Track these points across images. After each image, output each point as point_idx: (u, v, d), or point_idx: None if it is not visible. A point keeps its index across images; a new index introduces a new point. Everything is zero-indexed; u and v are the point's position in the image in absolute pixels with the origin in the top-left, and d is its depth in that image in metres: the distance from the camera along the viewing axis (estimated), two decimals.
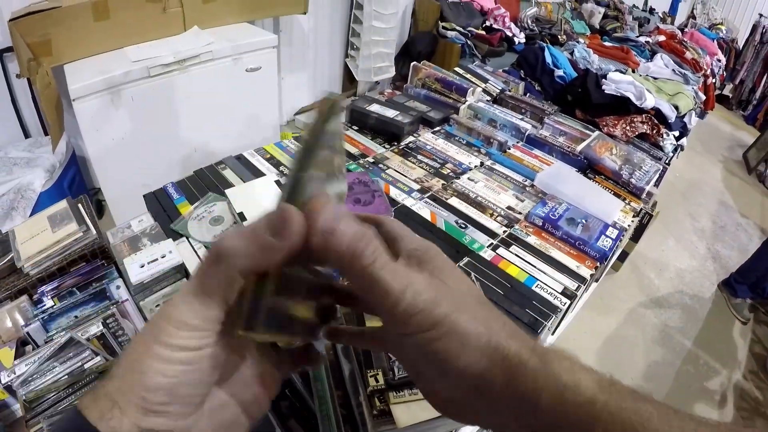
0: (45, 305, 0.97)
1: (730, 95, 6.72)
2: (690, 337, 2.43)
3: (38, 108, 2.31)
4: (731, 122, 6.05)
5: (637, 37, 3.56)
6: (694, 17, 6.93)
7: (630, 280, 2.73)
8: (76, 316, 0.95)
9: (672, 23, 5.47)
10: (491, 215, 1.24)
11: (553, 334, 1.16)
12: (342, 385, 0.70)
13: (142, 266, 1.00)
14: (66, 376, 0.86)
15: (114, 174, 1.98)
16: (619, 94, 1.93)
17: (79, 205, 1.13)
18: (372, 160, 1.42)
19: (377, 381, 0.62)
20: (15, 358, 0.91)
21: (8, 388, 0.85)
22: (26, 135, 2.36)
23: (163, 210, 1.25)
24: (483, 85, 1.86)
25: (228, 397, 0.34)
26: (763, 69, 6.21)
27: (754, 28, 6.30)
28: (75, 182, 2.33)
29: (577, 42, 2.86)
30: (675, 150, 1.94)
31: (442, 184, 1.34)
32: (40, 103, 2.24)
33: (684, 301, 2.68)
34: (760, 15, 6.33)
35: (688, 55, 3.22)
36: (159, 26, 2.11)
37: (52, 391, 0.86)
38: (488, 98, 1.82)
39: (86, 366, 0.88)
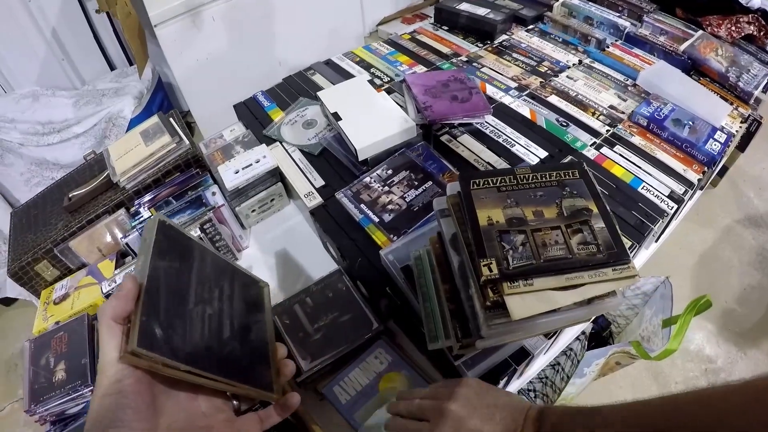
0: (142, 216, 1.00)
1: None
2: None
3: (120, 40, 2.36)
4: None
5: None
6: None
7: (728, 197, 2.52)
8: None
9: None
10: (593, 114, 1.17)
11: (656, 241, 1.10)
12: (449, 278, 0.67)
13: (237, 172, 1.02)
14: None
15: (201, 94, 1.98)
16: None
17: (171, 119, 1.15)
18: (465, 59, 1.36)
19: (491, 270, 0.57)
20: (115, 269, 0.96)
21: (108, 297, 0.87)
22: (111, 68, 2.43)
23: (255, 118, 1.25)
24: None
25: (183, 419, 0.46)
26: None
27: None
28: (163, 106, 2.40)
29: None
30: None
31: (540, 82, 1.27)
32: (122, 34, 2.29)
33: None
34: None
35: None
36: None
37: None
38: None
39: None
